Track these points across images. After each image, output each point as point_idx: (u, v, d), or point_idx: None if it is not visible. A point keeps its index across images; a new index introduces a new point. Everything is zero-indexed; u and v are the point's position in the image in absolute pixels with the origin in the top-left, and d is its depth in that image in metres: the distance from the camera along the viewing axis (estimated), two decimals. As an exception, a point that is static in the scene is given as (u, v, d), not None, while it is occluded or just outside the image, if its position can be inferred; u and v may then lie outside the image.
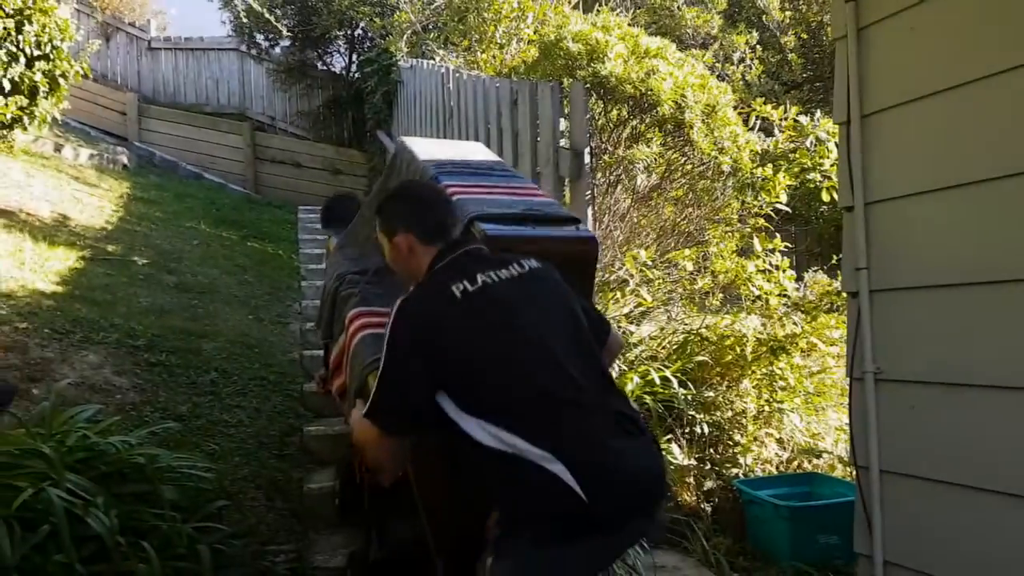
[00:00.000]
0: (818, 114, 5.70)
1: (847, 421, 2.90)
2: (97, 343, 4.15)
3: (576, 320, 1.92)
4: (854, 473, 2.64)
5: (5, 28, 6.20)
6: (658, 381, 4.14)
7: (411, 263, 2.04)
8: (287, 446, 3.80)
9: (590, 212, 3.64)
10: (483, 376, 1.77)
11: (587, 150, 3.52)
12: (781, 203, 5.30)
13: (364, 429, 1.87)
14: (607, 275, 5.21)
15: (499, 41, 6.63)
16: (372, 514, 2.81)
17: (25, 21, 6.56)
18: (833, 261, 5.42)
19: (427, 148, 3.15)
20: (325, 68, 11.63)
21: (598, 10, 6.65)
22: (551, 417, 1.71)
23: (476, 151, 3.26)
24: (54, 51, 6.93)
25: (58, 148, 8.47)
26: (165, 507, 2.56)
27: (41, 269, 4.95)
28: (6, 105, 5.83)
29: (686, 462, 3.91)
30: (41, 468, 2.39)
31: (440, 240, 2.04)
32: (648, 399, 4.07)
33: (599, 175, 5.37)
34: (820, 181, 5.24)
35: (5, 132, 6.94)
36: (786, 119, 5.58)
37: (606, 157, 5.44)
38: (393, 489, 2.36)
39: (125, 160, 9.40)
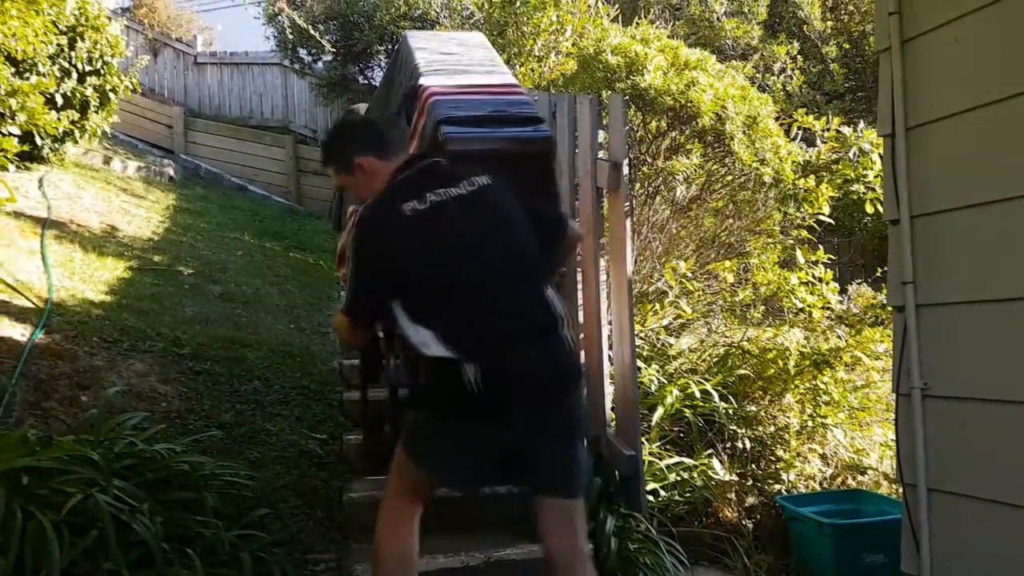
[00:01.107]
0: (861, 124, 5.61)
1: (893, 437, 2.85)
2: (144, 351, 4.24)
3: (518, 238, 2.13)
4: (900, 490, 2.58)
5: (58, 45, 6.38)
6: (698, 395, 4.10)
7: (374, 184, 2.23)
8: (328, 455, 3.82)
9: (628, 223, 3.63)
10: (421, 290, 2.05)
11: (625, 161, 3.51)
12: (824, 214, 5.24)
13: (340, 320, 2.27)
14: (645, 286, 5.19)
15: (537, 54, 6.66)
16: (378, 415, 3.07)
17: (77, 38, 6.76)
18: (878, 273, 5.33)
19: (424, 45, 3.49)
20: (366, 82, 11.75)
21: (637, 23, 6.66)
22: (477, 329, 1.98)
23: (474, 43, 3.55)
24: (105, 67, 7.12)
25: (107, 160, 8.68)
26: (209, 514, 2.61)
27: (90, 279, 5.07)
28: (59, 119, 6.00)
29: (727, 478, 3.86)
30: (89, 474, 2.45)
31: (391, 152, 2.30)
32: (688, 413, 4.03)
33: (637, 186, 5.35)
34: (864, 192, 5.16)
35: (57, 145, 7.14)
36: (828, 130, 5.50)
37: (644, 168, 5.42)
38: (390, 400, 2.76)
39: (171, 172, 9.60)
